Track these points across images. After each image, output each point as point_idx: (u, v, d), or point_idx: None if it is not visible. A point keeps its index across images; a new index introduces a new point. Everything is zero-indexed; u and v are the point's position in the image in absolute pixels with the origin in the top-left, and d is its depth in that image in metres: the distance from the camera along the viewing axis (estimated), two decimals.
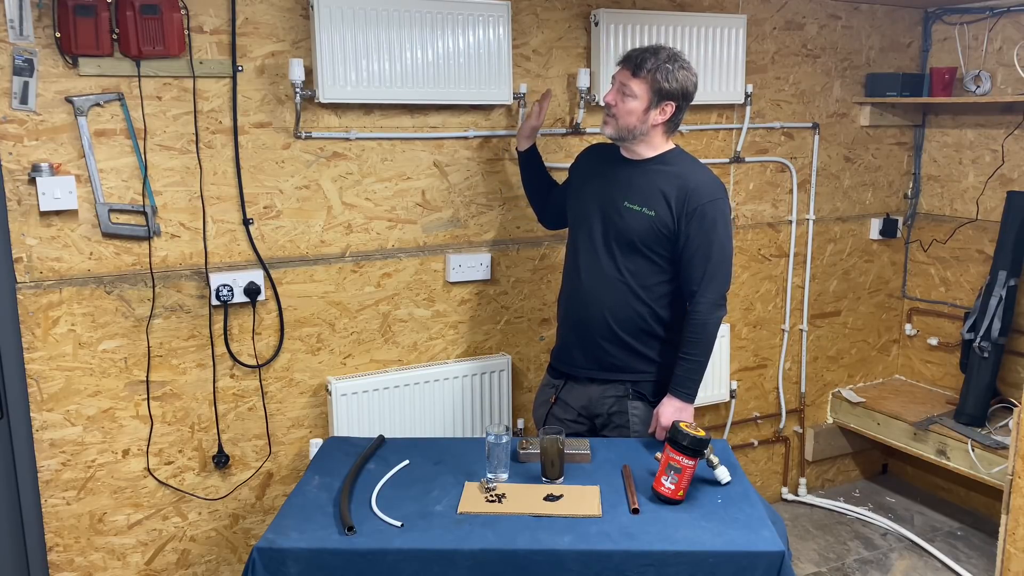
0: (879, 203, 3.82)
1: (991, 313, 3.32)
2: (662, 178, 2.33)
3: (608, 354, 2.40)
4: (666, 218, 2.30)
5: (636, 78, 2.27)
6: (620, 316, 2.37)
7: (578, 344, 2.45)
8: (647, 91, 2.27)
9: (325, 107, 2.58)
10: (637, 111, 2.28)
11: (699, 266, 2.30)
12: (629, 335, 2.38)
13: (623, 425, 2.43)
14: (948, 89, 3.54)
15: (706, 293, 2.31)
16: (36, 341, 2.35)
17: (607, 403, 2.45)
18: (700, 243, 2.29)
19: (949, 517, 3.73)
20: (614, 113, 2.32)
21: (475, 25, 2.65)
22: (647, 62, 2.26)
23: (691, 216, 2.28)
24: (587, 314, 2.40)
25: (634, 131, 2.31)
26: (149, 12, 2.24)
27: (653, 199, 2.31)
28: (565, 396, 2.52)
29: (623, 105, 2.29)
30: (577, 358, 2.47)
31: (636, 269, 2.35)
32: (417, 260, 2.83)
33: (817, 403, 3.87)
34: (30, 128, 2.25)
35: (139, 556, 2.58)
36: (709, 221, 2.29)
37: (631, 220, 2.32)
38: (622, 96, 2.30)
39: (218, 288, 2.51)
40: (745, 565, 1.83)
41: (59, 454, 2.43)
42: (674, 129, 2.37)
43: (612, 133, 2.35)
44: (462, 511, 1.98)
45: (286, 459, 2.76)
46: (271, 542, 1.85)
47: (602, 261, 2.37)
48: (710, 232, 2.29)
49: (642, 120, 2.29)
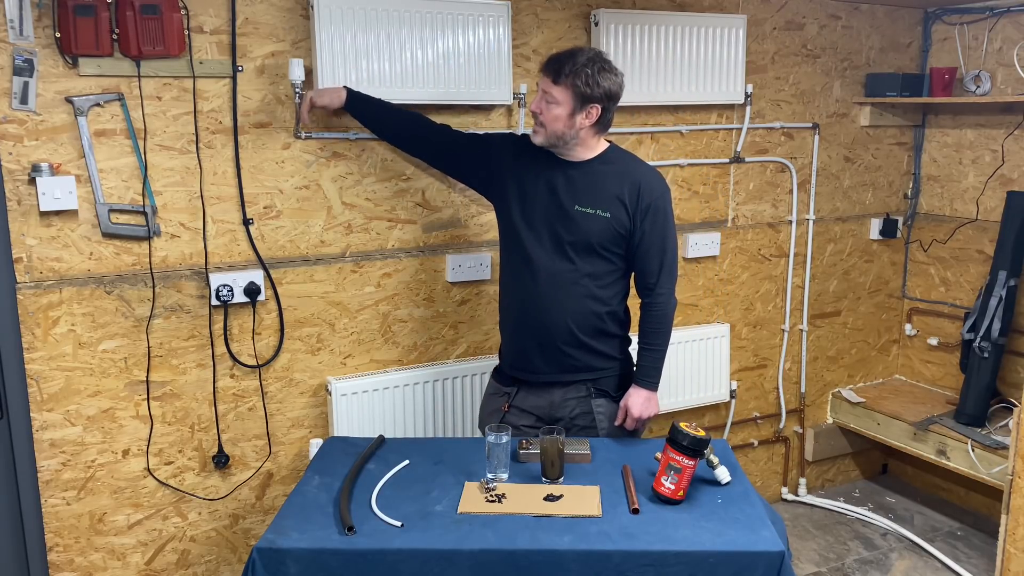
0: (879, 203, 3.82)
1: (991, 313, 3.32)
2: (609, 178, 2.33)
3: (569, 357, 2.39)
4: (622, 217, 2.32)
5: (557, 85, 2.25)
6: (580, 320, 2.36)
7: (538, 350, 2.41)
8: (569, 96, 2.24)
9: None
10: (562, 117, 2.26)
11: (655, 259, 2.37)
12: (589, 337, 2.38)
13: (589, 426, 2.43)
14: (948, 89, 3.54)
15: (664, 284, 2.39)
16: (36, 341, 2.35)
17: (569, 406, 2.44)
18: (655, 238, 2.35)
19: (949, 517, 3.73)
20: (541, 121, 2.29)
21: (475, 25, 2.65)
22: (564, 67, 2.24)
23: (646, 212, 2.32)
24: (547, 320, 2.37)
25: (563, 136, 2.29)
26: (149, 12, 2.24)
27: (606, 201, 2.31)
28: (520, 403, 2.47)
29: (548, 112, 2.27)
30: (537, 364, 2.42)
31: (594, 270, 2.35)
32: (417, 260, 2.83)
33: (817, 403, 3.87)
34: (30, 128, 2.25)
35: (139, 556, 2.58)
36: (662, 215, 2.35)
37: (586, 223, 2.31)
38: (546, 103, 2.27)
39: (218, 288, 2.51)
40: (745, 565, 1.83)
41: (59, 454, 2.43)
42: (606, 129, 2.36)
43: (543, 141, 2.32)
44: (462, 511, 1.97)
45: (286, 459, 2.76)
46: (271, 542, 1.85)
47: (559, 266, 2.34)
48: (663, 226, 2.36)
49: (569, 125, 2.27)
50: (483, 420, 2.56)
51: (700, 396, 3.41)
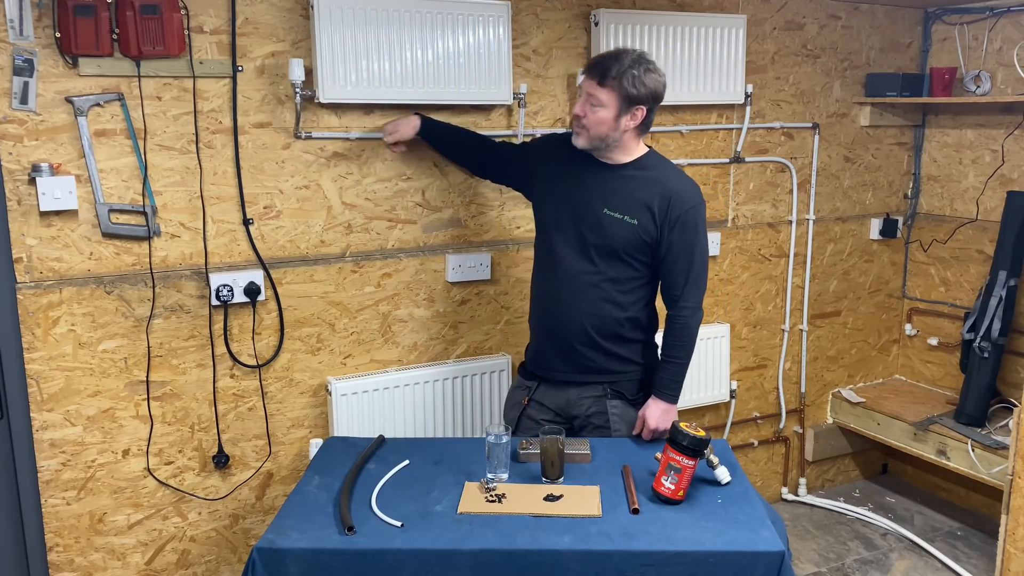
0: (879, 203, 3.82)
1: (991, 313, 3.32)
2: (642, 185, 2.31)
3: (586, 358, 2.39)
4: (649, 226, 2.29)
5: (603, 87, 2.22)
6: (598, 322, 2.35)
7: (554, 348, 2.42)
8: (615, 99, 2.22)
9: (325, 107, 2.58)
10: (608, 120, 2.24)
11: (682, 271, 2.33)
12: (607, 340, 2.37)
13: (603, 425, 2.43)
14: (948, 89, 3.54)
15: (689, 297, 2.34)
16: (36, 341, 2.35)
17: (585, 404, 2.44)
18: (682, 250, 2.31)
19: (949, 517, 3.73)
20: (584, 124, 2.27)
21: (475, 25, 2.65)
22: (611, 69, 2.21)
23: (674, 224, 2.28)
24: (564, 319, 2.38)
25: (607, 139, 2.27)
26: (149, 12, 2.24)
27: (635, 207, 2.29)
28: (540, 397, 2.49)
29: (592, 116, 2.24)
30: (553, 362, 2.44)
31: (616, 275, 2.34)
32: (417, 260, 2.83)
33: (817, 403, 3.87)
34: (30, 128, 2.25)
35: (139, 556, 2.58)
36: (691, 228, 2.30)
37: (612, 228, 2.30)
38: (590, 106, 2.25)
39: (218, 288, 2.51)
40: (745, 565, 1.83)
41: (59, 454, 2.43)
42: (646, 131, 2.34)
43: (585, 144, 2.30)
44: (462, 511, 1.97)
45: (286, 459, 2.76)
46: (271, 542, 1.85)
47: (581, 267, 2.34)
48: (692, 239, 2.31)
49: (614, 128, 2.25)
50: (506, 412, 2.60)
51: (700, 396, 3.41)
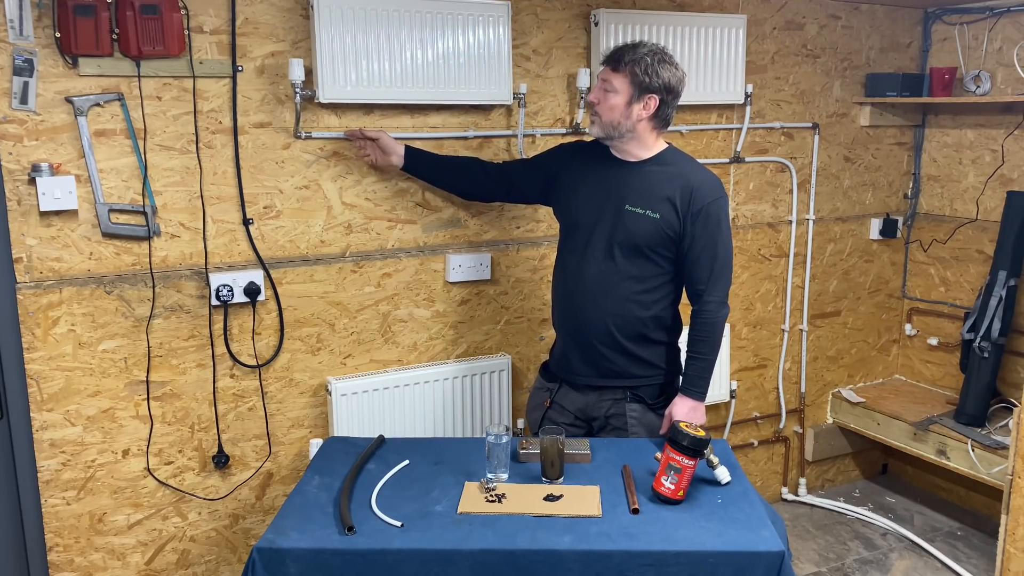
0: (879, 203, 3.82)
1: (991, 313, 3.32)
2: (662, 179, 2.31)
3: (607, 360, 2.39)
4: (672, 220, 2.29)
5: (616, 72, 2.26)
6: (621, 322, 2.35)
7: (576, 350, 2.42)
8: (627, 84, 2.24)
9: (325, 107, 2.58)
10: (619, 106, 2.25)
11: (706, 265, 2.31)
12: (630, 341, 2.37)
13: (621, 427, 2.43)
14: (948, 89, 3.54)
15: (713, 292, 2.32)
16: (36, 341, 2.35)
17: (604, 406, 2.44)
18: (706, 243, 2.29)
19: (949, 517, 3.73)
20: (598, 111, 2.30)
21: (475, 25, 2.65)
22: (625, 56, 2.25)
23: (696, 216, 2.27)
24: (587, 320, 2.38)
25: (619, 127, 2.28)
26: (149, 12, 2.24)
27: (656, 201, 2.29)
28: (560, 400, 2.49)
29: (605, 102, 2.27)
30: (575, 365, 2.44)
31: (639, 273, 2.33)
32: (417, 260, 2.83)
33: (817, 403, 3.87)
34: (30, 128, 2.25)
35: (139, 556, 2.58)
36: (714, 220, 2.29)
37: (635, 224, 2.30)
38: (604, 92, 2.28)
39: (218, 288, 2.51)
40: (745, 565, 1.83)
41: (59, 454, 2.43)
42: (664, 126, 2.34)
43: (598, 132, 2.32)
44: (462, 511, 1.97)
45: (286, 459, 2.76)
46: (271, 542, 1.85)
47: (604, 266, 2.34)
48: (715, 231, 2.29)
49: (625, 115, 2.26)
50: (529, 413, 2.62)
51: None
